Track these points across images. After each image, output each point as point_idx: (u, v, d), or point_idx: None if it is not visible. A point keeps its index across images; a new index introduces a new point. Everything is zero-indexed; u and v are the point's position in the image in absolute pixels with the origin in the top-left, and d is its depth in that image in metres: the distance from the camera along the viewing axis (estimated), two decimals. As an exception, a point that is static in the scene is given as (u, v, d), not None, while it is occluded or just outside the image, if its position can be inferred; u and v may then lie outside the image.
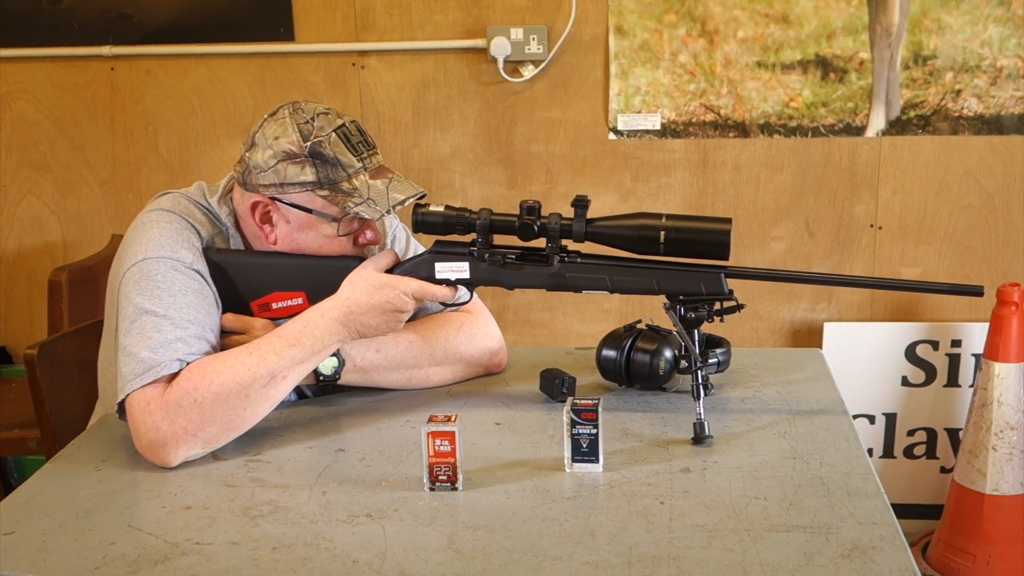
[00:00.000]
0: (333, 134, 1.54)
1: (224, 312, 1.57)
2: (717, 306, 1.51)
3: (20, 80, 2.92)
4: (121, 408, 1.45)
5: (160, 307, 1.46)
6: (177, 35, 2.85)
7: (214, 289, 1.55)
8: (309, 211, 1.55)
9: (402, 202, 1.55)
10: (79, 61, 2.90)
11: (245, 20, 2.83)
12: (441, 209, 1.53)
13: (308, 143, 1.53)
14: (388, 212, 1.54)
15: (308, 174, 1.53)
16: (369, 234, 1.61)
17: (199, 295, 1.51)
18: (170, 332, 1.45)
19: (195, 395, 1.40)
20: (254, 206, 1.58)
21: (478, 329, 1.74)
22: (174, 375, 1.43)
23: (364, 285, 1.51)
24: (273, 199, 1.56)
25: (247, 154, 1.57)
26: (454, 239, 1.56)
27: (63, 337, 1.98)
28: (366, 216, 1.54)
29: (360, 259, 1.58)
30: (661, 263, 1.52)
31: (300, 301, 1.57)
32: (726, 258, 1.47)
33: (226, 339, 1.55)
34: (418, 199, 1.57)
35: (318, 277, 1.57)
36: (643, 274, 1.52)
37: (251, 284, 1.58)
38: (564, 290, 1.55)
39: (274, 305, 1.58)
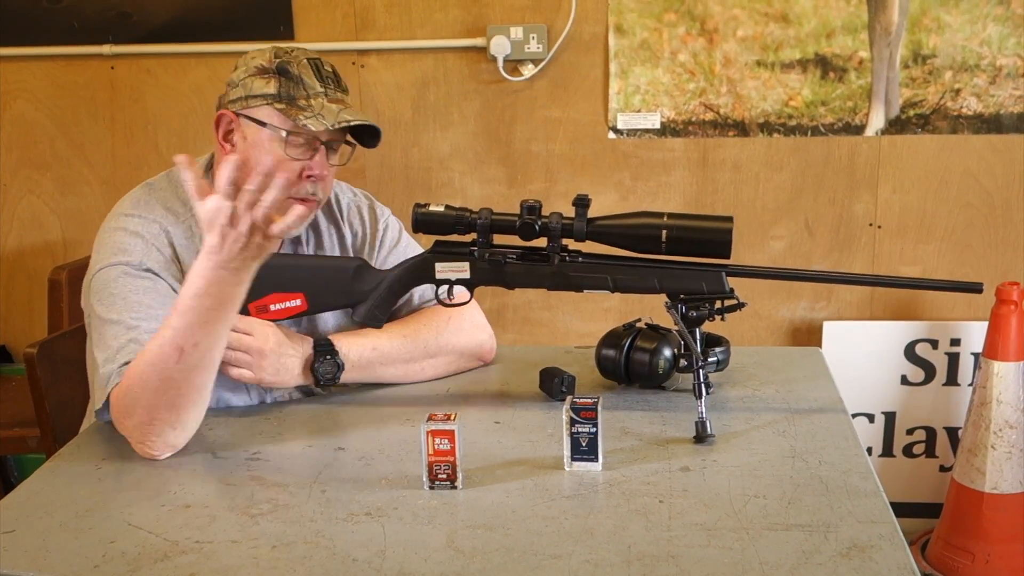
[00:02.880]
0: (305, 60, 1.60)
1: None
2: (718, 305, 1.51)
3: (20, 79, 2.92)
4: (97, 411, 1.52)
5: (113, 313, 1.52)
6: (177, 34, 2.85)
7: (172, 281, 1.57)
8: (264, 125, 1.57)
9: (349, 123, 1.58)
10: (79, 60, 2.90)
11: (245, 19, 2.83)
12: (441, 209, 1.54)
13: (278, 60, 1.59)
14: (333, 127, 1.56)
15: (271, 87, 1.57)
16: (315, 168, 1.60)
17: (149, 292, 1.54)
18: (123, 336, 1.49)
19: (130, 389, 1.43)
20: (218, 121, 1.61)
21: (465, 320, 1.76)
22: None
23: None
24: (237, 114, 1.59)
25: (230, 76, 1.62)
26: (454, 239, 1.57)
27: (63, 336, 1.99)
28: (312, 128, 1.55)
29: (357, 259, 1.61)
30: (662, 262, 1.52)
31: (298, 303, 1.58)
32: (727, 257, 1.47)
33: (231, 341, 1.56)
34: (369, 126, 1.62)
35: (315, 278, 1.58)
36: (644, 273, 1.52)
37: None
38: (565, 289, 1.55)
39: (272, 307, 1.58)
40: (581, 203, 1.50)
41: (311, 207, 1.63)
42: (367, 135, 1.67)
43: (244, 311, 1.58)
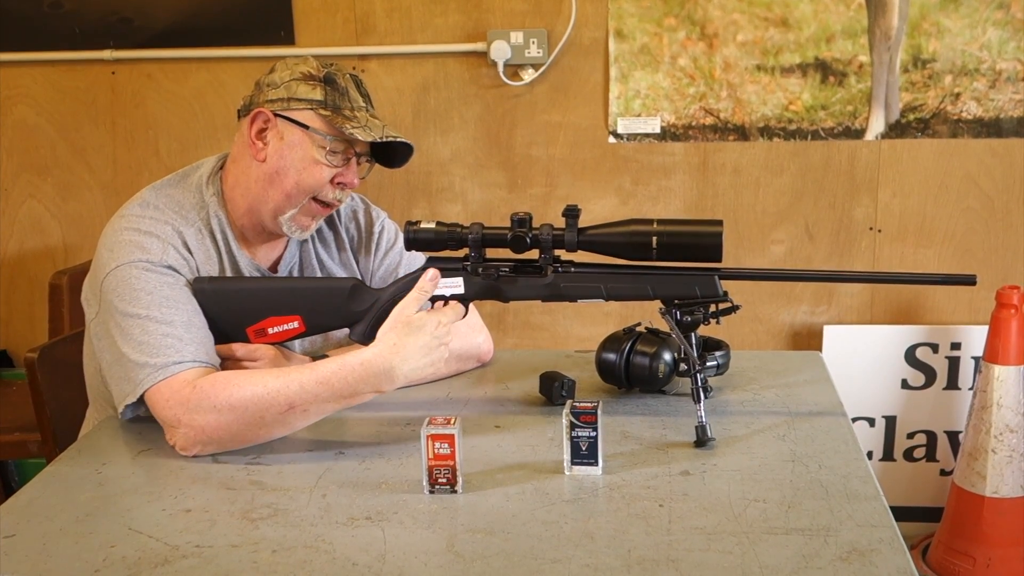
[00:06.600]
0: (349, 75, 1.65)
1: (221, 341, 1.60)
2: (712, 308, 1.52)
3: (21, 84, 2.93)
4: (128, 407, 1.50)
5: (140, 308, 1.51)
6: (178, 39, 2.86)
7: (189, 277, 1.59)
8: (306, 127, 1.60)
9: (395, 138, 1.62)
10: (80, 65, 2.90)
11: (246, 24, 2.84)
12: (432, 226, 1.54)
13: (325, 71, 1.63)
14: (381, 139, 1.60)
15: (317, 93, 1.61)
16: (347, 176, 1.65)
17: (175, 287, 1.55)
18: (156, 330, 1.49)
19: (214, 400, 1.43)
20: (254, 118, 1.63)
21: (461, 322, 1.76)
22: (195, 372, 1.47)
23: (405, 328, 1.48)
24: (276, 114, 1.62)
25: (264, 78, 1.65)
26: (447, 254, 1.57)
27: (64, 340, 1.99)
28: (360, 138, 1.59)
29: (352, 279, 1.61)
30: (655, 268, 1.52)
31: (296, 325, 1.58)
32: (719, 260, 1.47)
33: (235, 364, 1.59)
34: (401, 150, 1.66)
35: (312, 299, 1.58)
36: (637, 280, 1.52)
37: (246, 310, 1.59)
38: (560, 300, 1.55)
39: (270, 330, 1.59)
40: (571, 214, 1.50)
41: (329, 212, 1.70)
42: (392, 156, 1.70)
43: (242, 336, 1.59)
